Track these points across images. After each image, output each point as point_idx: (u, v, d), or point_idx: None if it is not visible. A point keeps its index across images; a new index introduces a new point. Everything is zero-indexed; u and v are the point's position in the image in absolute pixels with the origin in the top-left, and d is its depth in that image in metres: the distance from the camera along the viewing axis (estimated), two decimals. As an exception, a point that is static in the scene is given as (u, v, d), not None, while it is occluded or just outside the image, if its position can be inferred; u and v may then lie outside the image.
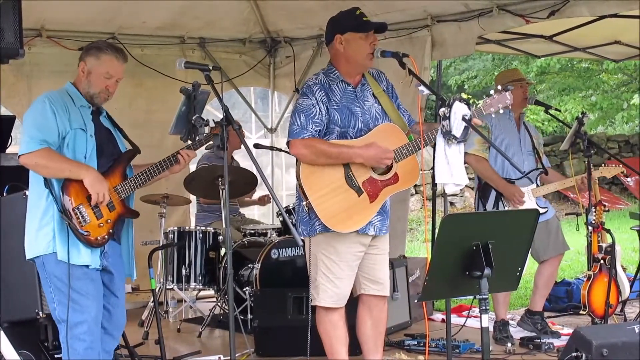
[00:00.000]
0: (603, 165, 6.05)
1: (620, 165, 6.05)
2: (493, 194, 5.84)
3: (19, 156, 3.98)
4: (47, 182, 3.99)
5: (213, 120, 4.15)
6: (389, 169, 4.31)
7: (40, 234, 4.01)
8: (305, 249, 4.42)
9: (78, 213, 3.98)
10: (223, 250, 6.88)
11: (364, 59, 4.31)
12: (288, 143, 4.30)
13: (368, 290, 4.47)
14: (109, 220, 4.07)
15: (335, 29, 4.36)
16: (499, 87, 4.20)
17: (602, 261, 5.74)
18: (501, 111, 4.17)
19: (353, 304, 4.56)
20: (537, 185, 5.88)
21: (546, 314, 6.41)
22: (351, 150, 4.23)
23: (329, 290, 4.33)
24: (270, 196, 7.55)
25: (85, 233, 3.98)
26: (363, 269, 4.43)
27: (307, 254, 4.40)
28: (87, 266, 4.00)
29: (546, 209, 5.92)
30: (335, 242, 4.28)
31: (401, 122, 4.41)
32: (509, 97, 4.16)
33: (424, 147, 4.21)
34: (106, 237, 4.06)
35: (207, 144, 4.33)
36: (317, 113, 4.25)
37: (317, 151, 4.19)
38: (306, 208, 4.23)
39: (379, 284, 4.47)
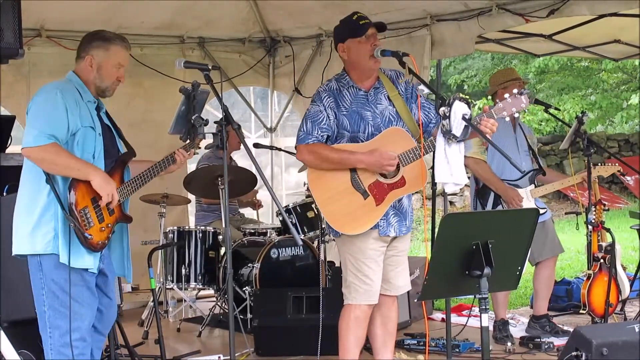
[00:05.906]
0: (600, 164, 6.04)
1: (617, 164, 6.05)
2: (492, 196, 5.83)
3: (22, 148, 3.80)
4: (50, 179, 3.82)
5: (215, 123, 4.14)
6: (396, 172, 4.31)
7: (39, 232, 3.84)
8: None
9: (83, 215, 3.86)
10: (223, 250, 6.88)
11: (367, 62, 4.31)
12: (295, 148, 4.39)
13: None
14: (109, 225, 3.98)
15: (337, 39, 4.40)
16: (515, 91, 4.07)
17: (602, 260, 5.74)
18: (516, 114, 4.11)
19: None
20: (535, 186, 5.87)
21: (546, 313, 6.41)
22: (353, 156, 4.25)
23: (359, 288, 4.34)
24: (261, 202, 7.59)
25: (89, 237, 3.86)
26: None
27: (339, 254, 4.51)
28: (85, 270, 3.88)
29: (545, 210, 5.91)
30: (357, 241, 4.31)
31: (413, 127, 4.40)
32: (525, 100, 4.04)
33: (423, 153, 4.22)
34: (106, 241, 3.96)
35: (206, 144, 4.31)
36: (325, 119, 4.29)
37: (320, 157, 4.26)
38: (316, 210, 4.27)
39: (389, 283, 4.47)
